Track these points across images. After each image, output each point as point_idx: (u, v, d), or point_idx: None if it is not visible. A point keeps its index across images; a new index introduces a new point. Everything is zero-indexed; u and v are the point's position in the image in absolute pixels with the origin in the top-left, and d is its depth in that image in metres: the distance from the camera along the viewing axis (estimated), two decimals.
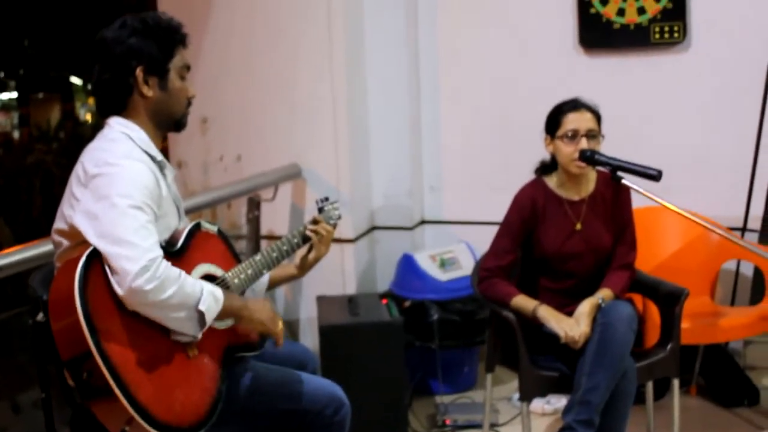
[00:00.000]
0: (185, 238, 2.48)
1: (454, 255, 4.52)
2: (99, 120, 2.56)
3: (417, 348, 4.29)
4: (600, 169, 3.36)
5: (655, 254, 4.12)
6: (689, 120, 4.43)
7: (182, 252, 2.45)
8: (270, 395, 2.53)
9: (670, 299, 3.39)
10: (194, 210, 4.08)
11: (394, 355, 3.84)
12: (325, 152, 4.55)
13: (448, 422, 4.09)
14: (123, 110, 2.48)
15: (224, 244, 2.64)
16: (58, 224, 2.41)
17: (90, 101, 15.27)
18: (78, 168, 2.38)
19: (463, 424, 4.07)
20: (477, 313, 4.28)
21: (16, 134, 15.30)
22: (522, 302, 3.30)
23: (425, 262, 4.44)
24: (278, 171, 4.54)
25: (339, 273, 4.57)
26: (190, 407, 2.31)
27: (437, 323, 4.23)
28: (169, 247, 2.42)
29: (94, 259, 2.22)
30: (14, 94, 15.94)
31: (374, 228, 4.84)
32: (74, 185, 2.37)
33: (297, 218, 4.65)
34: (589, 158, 3.23)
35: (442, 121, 4.86)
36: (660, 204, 2.97)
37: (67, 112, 15.33)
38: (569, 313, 3.23)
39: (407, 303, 4.34)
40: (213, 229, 2.61)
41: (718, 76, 4.35)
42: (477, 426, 3.98)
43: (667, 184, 3.18)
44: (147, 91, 2.46)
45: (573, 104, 3.31)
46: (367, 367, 3.80)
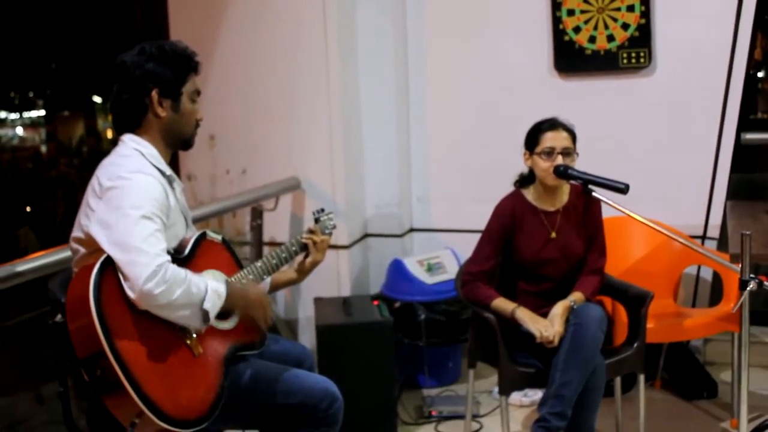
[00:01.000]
0: (192, 246, 2.49)
1: (440, 260, 4.50)
2: (117, 136, 2.55)
3: (406, 345, 4.27)
4: (573, 183, 3.34)
5: (623, 260, 4.10)
6: (654, 137, 4.41)
7: (189, 258, 2.45)
8: (268, 390, 2.51)
9: (637, 301, 3.39)
10: (202, 219, 4.07)
11: (385, 352, 3.81)
12: (322, 166, 4.53)
13: (434, 413, 4.06)
14: (137, 128, 2.49)
15: (228, 252, 2.63)
16: (76, 233, 2.41)
17: (110, 118, 15.26)
18: (93, 181, 2.39)
19: (448, 415, 4.05)
20: (461, 314, 4.26)
21: (44, 148, 15.28)
22: (501, 304, 3.28)
23: (413, 267, 4.41)
24: (279, 183, 4.52)
25: (335, 276, 4.55)
26: (196, 402, 2.30)
27: (424, 323, 4.21)
28: (177, 254, 2.42)
29: (108, 266, 2.23)
30: (42, 112, 15.94)
31: (367, 235, 4.82)
32: (90, 197, 2.37)
33: (296, 226, 4.63)
34: (563, 173, 3.21)
35: (430, 138, 4.84)
36: (627, 214, 2.95)
37: (90, 129, 15.30)
38: (545, 314, 3.22)
39: (397, 304, 4.32)
40: (217, 238, 2.61)
41: (681, 98, 4.33)
42: (460, 417, 3.95)
43: (634, 197, 3.16)
44: (161, 112, 2.48)
45: (551, 123, 3.30)
46: (360, 363, 3.77)
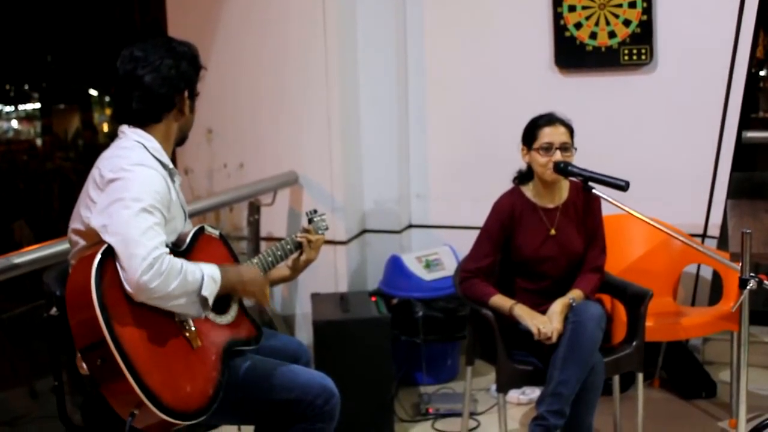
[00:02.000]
0: (190, 240, 2.51)
1: (438, 257, 4.50)
2: (115, 129, 2.57)
3: (403, 342, 4.27)
4: (572, 179, 3.34)
5: (623, 258, 4.11)
6: (655, 135, 4.42)
7: (187, 253, 2.47)
8: (265, 386, 2.52)
9: (636, 300, 3.39)
10: (200, 213, 4.07)
11: (382, 349, 3.82)
12: (321, 161, 4.53)
13: (431, 411, 4.07)
14: (156, 122, 2.51)
15: (225, 247, 2.65)
16: (75, 225, 2.43)
17: (107, 112, 15.22)
18: (95, 173, 2.40)
19: (445, 413, 4.06)
20: (458, 311, 4.26)
21: (39, 141, 15.28)
22: (499, 301, 3.29)
23: (411, 263, 4.42)
24: (277, 178, 4.53)
25: (332, 272, 4.56)
26: (195, 394, 2.31)
27: (422, 319, 4.22)
28: (176, 248, 2.43)
29: (110, 256, 2.25)
30: (37, 105, 15.95)
31: (365, 231, 4.83)
32: (91, 189, 2.39)
33: (294, 221, 4.63)
34: (563, 169, 3.21)
35: (429, 134, 4.85)
36: (627, 212, 2.95)
37: (86, 122, 15.29)
38: (543, 312, 3.23)
39: (395, 300, 4.33)
40: (215, 233, 2.63)
41: (682, 95, 4.34)
42: (457, 414, 3.96)
43: (635, 194, 3.16)
44: (186, 110, 2.56)
45: (548, 118, 3.30)
46: (357, 360, 3.78)
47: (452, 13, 4.71)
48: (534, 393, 4.08)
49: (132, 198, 2.27)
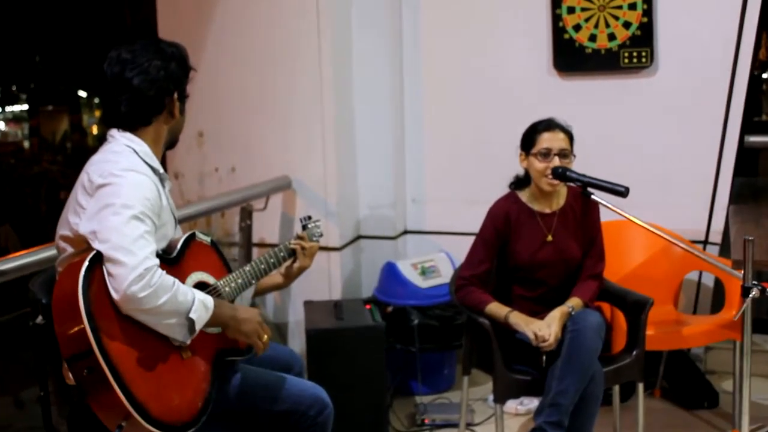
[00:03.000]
0: (181, 247, 2.50)
1: (434, 263, 4.50)
2: (104, 131, 2.56)
3: (398, 351, 4.26)
4: (570, 184, 3.34)
5: (623, 265, 4.11)
6: (656, 139, 4.42)
7: (178, 260, 2.46)
8: (256, 397, 2.52)
9: (636, 308, 3.39)
10: (190, 218, 4.06)
11: (377, 358, 3.81)
12: (314, 165, 4.52)
13: (427, 421, 4.06)
14: (145, 126, 2.50)
15: (216, 254, 2.64)
16: (63, 231, 2.41)
17: (97, 114, 15.21)
18: (83, 178, 2.39)
19: (441, 423, 4.05)
20: (455, 319, 4.26)
21: (26, 144, 15.25)
22: (495, 309, 3.29)
23: (407, 270, 4.42)
24: (269, 182, 4.51)
25: (325, 279, 4.54)
26: (184, 406, 2.30)
27: (417, 328, 4.21)
28: (166, 255, 2.43)
29: (97, 263, 2.23)
30: (25, 107, 15.93)
31: (360, 237, 4.82)
32: (79, 194, 2.38)
33: (287, 227, 4.62)
34: (561, 175, 3.22)
35: (425, 138, 4.84)
36: (627, 218, 2.95)
37: (75, 124, 15.26)
38: (541, 319, 3.22)
39: (390, 308, 4.33)
40: (206, 240, 2.62)
41: (683, 99, 4.34)
42: (454, 425, 3.95)
43: (635, 200, 3.17)
44: (176, 113, 2.55)
45: (547, 124, 3.31)
46: (351, 369, 3.77)
47: (449, 14, 4.71)
48: (532, 403, 4.08)
49: (122, 204, 2.26)
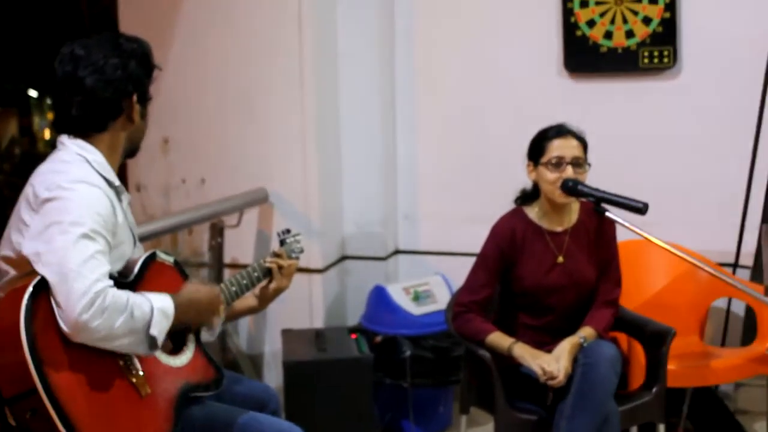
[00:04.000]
0: (140, 269, 2.49)
1: (429, 288, 4.50)
2: (56, 137, 2.56)
3: (388, 386, 4.26)
4: (584, 200, 3.35)
5: (641, 291, 4.12)
6: (679, 149, 4.43)
7: (136, 283, 2.45)
8: None
9: (657, 339, 3.39)
10: (153, 236, 4.04)
11: (364, 394, 3.82)
12: (294, 176, 4.53)
13: None
14: (100, 131, 2.49)
15: (180, 276, 2.64)
16: (4, 251, 2.40)
17: (49, 116, 15.19)
18: (28, 191, 2.38)
19: None
20: (452, 350, 4.25)
21: None
22: (497, 340, 3.28)
23: (398, 295, 4.41)
24: (244, 195, 4.51)
25: (306, 305, 4.55)
26: None
27: (410, 360, 4.20)
28: (122, 278, 2.41)
29: (43, 290, 2.21)
30: None
31: (345, 257, 4.82)
32: (23, 210, 2.36)
33: (263, 246, 4.62)
34: (572, 189, 3.22)
35: (419, 148, 4.85)
36: (646, 238, 2.96)
37: (24, 128, 15.23)
38: (549, 352, 3.22)
39: (378, 338, 4.32)
40: (169, 260, 2.61)
41: (710, 104, 4.36)
42: None
43: (655, 217, 3.18)
44: (136, 117, 2.53)
45: (558, 130, 3.32)
46: (335, 407, 3.77)
47: (446, 8, 4.73)
48: None
49: (71, 222, 2.25)
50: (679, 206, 4.36)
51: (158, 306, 2.33)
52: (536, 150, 3.34)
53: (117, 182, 2.52)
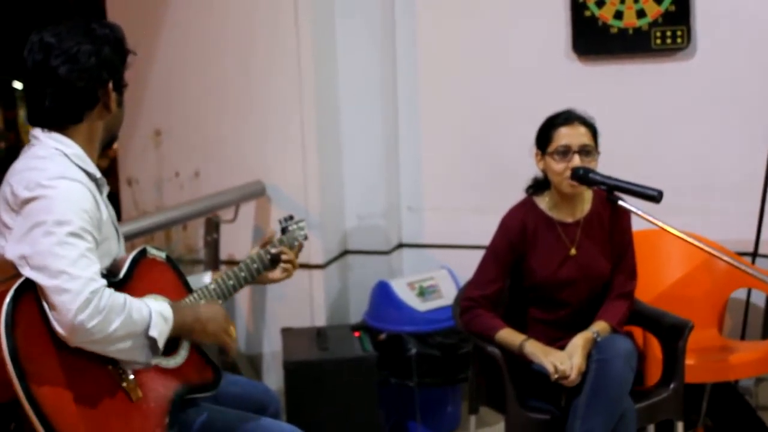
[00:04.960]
0: (129, 266, 2.48)
1: (435, 282, 4.49)
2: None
3: (393, 386, 4.26)
4: (596, 188, 3.34)
5: (657, 283, 4.11)
6: (694, 134, 4.42)
7: (126, 281, 2.44)
8: None
9: (674, 333, 3.39)
10: (146, 232, 4.05)
11: (368, 394, 3.82)
12: (293, 168, 4.53)
13: None
14: (76, 122, 2.46)
15: (173, 272, 2.62)
16: None
17: (23, 110, 15.18)
18: (6, 191, 2.36)
19: None
20: (460, 347, 4.25)
21: None
22: (508, 336, 3.27)
23: (403, 291, 4.41)
24: (240, 189, 4.51)
25: (307, 302, 4.55)
26: None
27: (416, 358, 4.20)
28: (111, 277, 2.40)
29: (25, 293, 2.20)
30: None
31: (346, 252, 4.82)
32: (3, 211, 2.36)
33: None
34: (582, 177, 3.20)
35: (422, 135, 4.85)
36: (661, 227, 2.95)
37: (9, 122, 15.24)
38: (562, 348, 3.22)
39: (382, 336, 4.31)
40: (161, 256, 2.60)
41: (727, 86, 4.34)
42: None
43: (670, 205, 3.16)
44: (113, 105, 2.50)
45: (565, 117, 3.31)
46: (338, 408, 3.78)
47: None
48: None
49: (55, 221, 2.23)
50: (695, 194, 4.35)
51: (156, 309, 2.33)
52: (543, 138, 3.34)
53: (98, 174, 2.49)
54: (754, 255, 4.34)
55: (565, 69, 4.56)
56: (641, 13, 4.39)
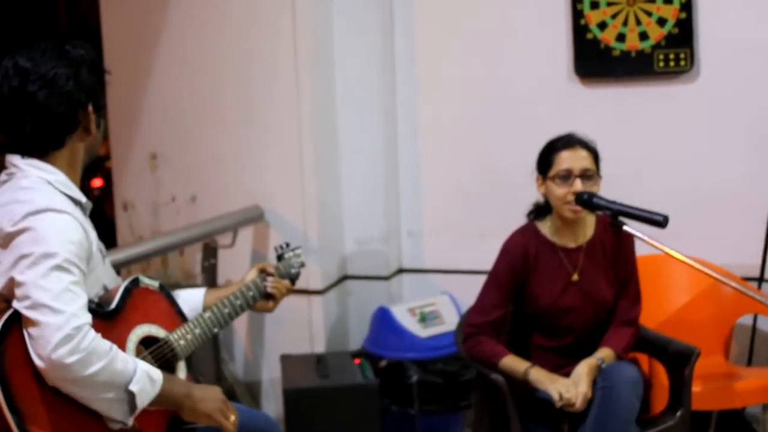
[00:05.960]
0: (121, 296, 2.45)
1: (436, 308, 4.49)
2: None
3: (394, 414, 4.25)
4: (599, 213, 3.34)
5: (662, 308, 4.11)
6: (698, 157, 4.42)
7: (118, 312, 2.42)
8: None
9: (680, 359, 3.38)
10: (143, 258, 4.05)
11: (369, 422, 3.82)
12: (291, 193, 4.52)
13: None
14: (57, 148, 2.44)
15: (167, 301, 2.61)
16: None
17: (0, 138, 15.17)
18: None
19: None
20: (462, 374, 4.24)
21: None
22: (512, 363, 3.27)
23: (403, 316, 4.40)
24: (238, 214, 4.51)
25: (306, 328, 4.53)
26: None
27: (417, 385, 4.20)
28: (102, 307, 2.39)
29: (14, 326, 2.18)
30: None
31: (346, 277, 4.81)
32: None
33: None
34: (587, 202, 3.20)
35: (422, 159, 4.84)
36: (666, 252, 2.95)
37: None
38: (566, 375, 3.22)
39: (383, 363, 4.30)
40: (154, 285, 2.58)
41: (731, 109, 4.34)
42: None
43: (675, 230, 3.16)
44: (93, 128, 2.48)
45: (566, 141, 3.31)
46: None
47: (449, 13, 4.73)
48: None
49: (41, 254, 2.21)
50: (700, 218, 4.34)
51: (144, 368, 2.29)
52: (544, 163, 3.34)
53: (83, 199, 2.47)
54: (760, 280, 4.34)
55: (567, 92, 4.56)
56: (644, 36, 4.40)
